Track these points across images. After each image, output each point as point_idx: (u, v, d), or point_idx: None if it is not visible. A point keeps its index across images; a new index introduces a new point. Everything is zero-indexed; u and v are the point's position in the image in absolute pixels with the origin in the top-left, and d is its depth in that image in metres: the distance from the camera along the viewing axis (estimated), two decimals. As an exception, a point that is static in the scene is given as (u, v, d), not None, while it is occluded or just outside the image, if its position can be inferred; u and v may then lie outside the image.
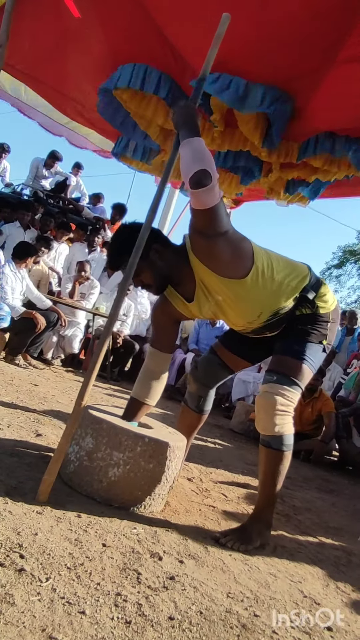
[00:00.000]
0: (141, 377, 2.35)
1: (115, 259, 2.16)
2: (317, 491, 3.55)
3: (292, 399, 2.09)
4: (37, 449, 2.40)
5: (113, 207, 8.14)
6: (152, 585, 1.47)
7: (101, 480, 1.98)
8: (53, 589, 1.30)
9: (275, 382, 2.09)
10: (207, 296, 2.16)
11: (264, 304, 2.14)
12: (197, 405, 2.55)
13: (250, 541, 2.00)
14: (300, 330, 2.19)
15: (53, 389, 4.20)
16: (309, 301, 2.19)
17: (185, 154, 1.89)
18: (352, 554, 2.33)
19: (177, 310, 2.27)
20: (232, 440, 4.69)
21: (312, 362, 2.15)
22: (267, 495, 2.11)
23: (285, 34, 2.50)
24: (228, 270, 2.04)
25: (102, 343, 1.94)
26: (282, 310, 2.16)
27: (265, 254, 2.16)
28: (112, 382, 5.77)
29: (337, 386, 6.33)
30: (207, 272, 2.05)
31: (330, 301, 2.25)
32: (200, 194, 1.82)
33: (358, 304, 24.60)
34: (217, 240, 1.96)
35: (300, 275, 2.20)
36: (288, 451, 2.08)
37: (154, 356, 2.35)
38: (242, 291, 2.08)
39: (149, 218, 2.04)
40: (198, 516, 2.22)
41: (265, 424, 2.08)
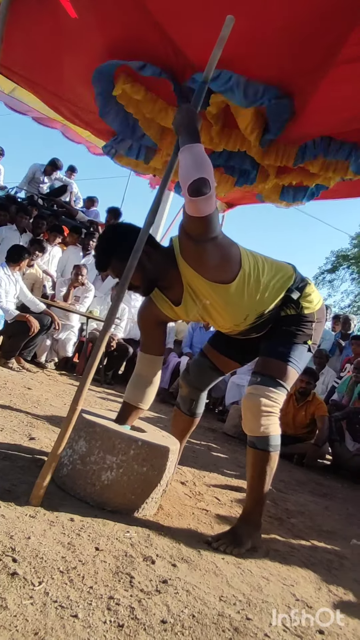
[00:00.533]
0: (133, 381, 2.36)
1: (101, 259, 2.14)
2: (310, 495, 3.55)
3: (277, 400, 2.11)
4: (30, 453, 2.40)
5: (108, 210, 8.15)
6: (144, 588, 1.47)
7: (94, 483, 1.98)
8: (46, 592, 1.30)
9: (259, 384, 2.11)
10: (195, 300, 2.17)
11: (250, 307, 2.15)
12: (189, 408, 2.56)
13: (242, 544, 2.01)
14: (284, 331, 2.21)
15: (46, 392, 4.19)
16: (294, 301, 2.21)
17: (185, 160, 1.89)
18: (344, 558, 2.34)
19: (162, 312, 2.27)
20: (225, 443, 4.69)
21: (296, 363, 2.17)
22: (254, 497, 2.12)
23: (286, 32, 2.51)
24: (216, 274, 2.04)
25: (98, 348, 1.95)
26: (267, 312, 2.19)
27: (252, 257, 2.17)
28: (106, 386, 5.77)
29: (331, 390, 6.35)
30: (195, 276, 2.06)
31: (315, 301, 2.27)
32: (198, 202, 1.82)
33: (351, 308, 24.70)
34: (207, 244, 1.96)
35: (285, 276, 2.22)
36: (274, 452, 2.09)
37: (145, 360, 2.36)
38: (229, 295, 2.09)
39: (148, 221, 2.04)
40: (191, 520, 2.22)
41: (251, 425, 2.09)
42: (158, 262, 2.10)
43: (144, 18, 2.76)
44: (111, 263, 2.08)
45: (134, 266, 1.97)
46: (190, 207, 1.86)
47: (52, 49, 3.43)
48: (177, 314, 2.26)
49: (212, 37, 2.15)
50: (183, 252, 2.05)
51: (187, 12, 2.62)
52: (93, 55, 3.25)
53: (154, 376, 2.37)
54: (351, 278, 25.60)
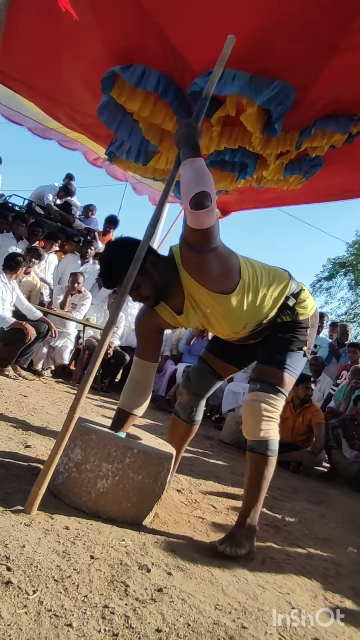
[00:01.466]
0: (127, 388, 2.37)
1: (111, 278, 2.13)
2: (307, 502, 3.55)
3: (276, 406, 2.16)
4: (26, 461, 2.39)
5: (105, 219, 8.18)
6: (139, 597, 1.46)
7: (90, 491, 1.98)
8: (40, 601, 1.29)
9: (259, 390, 2.16)
10: (196, 309, 2.20)
11: (249, 316, 2.18)
12: (189, 416, 2.57)
13: (242, 545, 2.04)
14: (280, 338, 2.25)
15: (43, 400, 4.18)
16: (289, 308, 2.25)
17: (187, 174, 1.92)
18: (340, 565, 2.33)
19: (163, 320, 2.29)
20: (222, 451, 4.69)
21: (293, 370, 2.22)
22: (251, 502, 2.14)
23: (287, 26, 2.52)
24: (217, 285, 2.07)
25: (97, 356, 1.95)
26: (266, 320, 2.23)
27: (250, 266, 2.20)
28: (103, 393, 5.76)
29: (327, 397, 6.35)
30: (196, 286, 2.08)
31: (309, 307, 2.32)
32: (200, 215, 1.85)
33: (348, 316, 24.76)
34: (208, 255, 1.99)
35: (282, 284, 2.26)
36: (273, 456, 2.12)
37: (140, 366, 2.38)
38: (229, 305, 2.11)
39: (149, 232, 2.06)
40: (187, 528, 2.22)
41: (251, 429, 2.14)
42: (162, 271, 2.12)
43: (144, 21, 2.78)
44: (121, 280, 2.05)
45: (134, 276, 1.98)
46: (192, 220, 1.89)
47: (52, 51, 3.44)
48: (178, 322, 2.29)
49: (211, 40, 2.17)
50: (184, 262, 2.08)
51: (186, 13, 2.63)
52: (93, 58, 3.26)
53: (148, 382, 2.39)
54: (348, 285, 25.70)
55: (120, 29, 2.97)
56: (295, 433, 5.10)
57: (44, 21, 3.13)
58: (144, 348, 2.39)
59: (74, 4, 2.91)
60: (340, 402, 5.95)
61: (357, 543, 2.77)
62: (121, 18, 2.87)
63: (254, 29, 2.56)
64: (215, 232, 1.95)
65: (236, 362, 2.55)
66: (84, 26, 3.03)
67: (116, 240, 2.29)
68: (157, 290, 2.15)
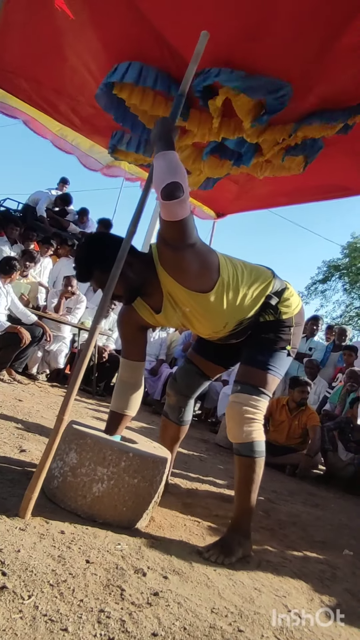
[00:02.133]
0: (118, 389, 2.37)
1: (82, 271, 2.12)
2: (303, 505, 3.55)
3: (259, 407, 2.14)
4: (21, 465, 2.38)
5: (98, 222, 8.17)
6: (135, 601, 1.46)
7: (85, 495, 1.97)
8: (35, 606, 1.28)
9: (240, 392, 2.15)
10: (175, 307, 2.18)
11: (230, 315, 2.17)
12: (177, 417, 2.58)
13: (233, 553, 2.01)
14: (263, 339, 2.24)
15: (37, 404, 4.17)
16: (272, 307, 2.23)
17: (159, 165, 1.92)
18: (336, 568, 2.33)
19: (142, 319, 2.28)
20: (217, 454, 4.68)
21: (276, 370, 2.20)
22: (243, 504, 2.12)
23: (283, 26, 2.53)
24: (195, 283, 2.05)
25: (84, 357, 1.94)
26: (246, 319, 2.21)
27: (231, 265, 2.18)
28: (98, 397, 5.75)
29: (323, 400, 6.36)
30: (174, 285, 2.07)
31: (293, 305, 2.29)
32: (171, 205, 1.84)
33: (343, 319, 24.83)
34: (185, 252, 1.97)
35: (264, 282, 2.23)
36: (259, 457, 2.11)
37: (127, 366, 2.37)
38: (208, 303, 2.10)
39: (130, 230, 2.05)
40: (183, 531, 2.21)
41: (235, 432, 2.13)
42: (139, 270, 2.10)
43: (139, 21, 2.79)
44: (93, 274, 2.07)
45: (117, 276, 1.98)
46: (164, 211, 1.88)
47: (52, 43, 3.44)
48: (157, 320, 2.27)
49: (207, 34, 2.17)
50: (162, 261, 2.06)
51: (180, 11, 2.64)
52: (93, 48, 3.27)
53: (138, 381, 2.38)
54: (343, 288, 25.78)
55: (116, 28, 2.98)
56: (291, 436, 5.10)
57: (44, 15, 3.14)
58: (128, 347, 2.38)
59: (70, 4, 2.92)
60: (335, 404, 5.95)
61: (353, 545, 2.76)
62: (116, 18, 2.88)
63: (247, 25, 2.57)
64: (190, 226, 1.93)
65: (222, 362, 2.56)
66: (81, 23, 3.04)
67: (91, 235, 2.28)
68: (131, 289, 2.14)
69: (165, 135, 2.04)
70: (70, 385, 1.93)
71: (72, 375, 1.96)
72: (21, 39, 3.50)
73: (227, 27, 2.40)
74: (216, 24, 2.47)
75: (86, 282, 2.18)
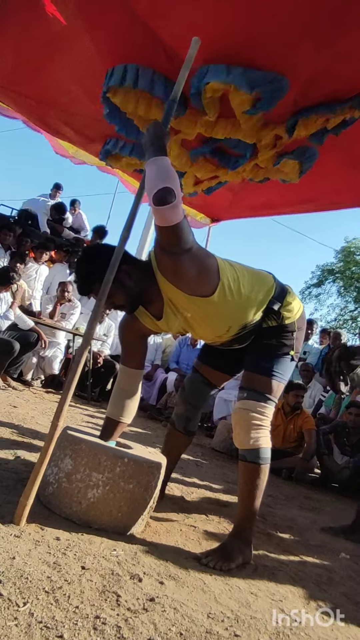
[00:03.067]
0: (114, 396, 2.37)
1: (83, 285, 2.13)
2: (299, 509, 3.55)
3: (265, 414, 2.14)
4: (16, 472, 2.37)
5: (93, 229, 8.17)
6: (131, 607, 1.45)
7: (80, 501, 1.96)
8: (30, 613, 1.28)
9: (247, 399, 2.14)
10: (176, 313, 2.17)
11: (232, 319, 2.17)
12: (184, 426, 2.58)
13: (232, 559, 2.00)
14: (266, 345, 2.23)
15: (32, 410, 4.16)
16: (275, 312, 2.22)
17: (151, 171, 1.92)
18: (333, 572, 2.33)
19: (144, 326, 2.28)
20: (213, 459, 4.68)
21: (281, 376, 2.20)
22: (246, 511, 2.12)
23: (276, 17, 2.51)
24: (195, 288, 2.05)
25: (78, 362, 1.94)
26: (250, 323, 2.20)
27: (231, 268, 2.18)
28: (93, 403, 5.74)
29: (318, 403, 6.37)
30: (175, 291, 2.07)
31: (295, 310, 2.28)
32: (163, 211, 1.84)
33: (337, 322, 24.91)
34: (182, 257, 1.96)
35: (266, 287, 2.23)
36: (265, 464, 2.11)
37: (125, 374, 2.37)
38: (210, 308, 2.10)
39: (123, 236, 2.05)
40: (179, 536, 2.21)
41: (241, 438, 2.12)
42: (138, 279, 2.11)
43: (134, 24, 2.78)
44: (94, 287, 2.07)
45: (111, 281, 1.98)
46: (157, 217, 1.89)
47: (41, 54, 3.42)
48: (159, 327, 2.27)
49: (202, 34, 2.17)
50: (160, 267, 2.06)
51: (174, 10, 2.63)
52: (85, 57, 3.26)
53: (135, 389, 2.37)
54: (337, 292, 25.88)
55: (112, 32, 2.97)
56: (287, 440, 5.10)
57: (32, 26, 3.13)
58: (128, 355, 2.38)
59: (62, 10, 2.91)
60: (330, 408, 5.97)
61: (349, 549, 2.76)
62: (111, 22, 2.87)
63: (243, 22, 2.55)
64: (185, 230, 1.93)
65: (228, 369, 2.55)
66: (74, 30, 3.03)
67: (85, 250, 2.28)
68: (132, 298, 2.14)
69: (157, 141, 2.05)
70: (65, 392, 1.92)
71: (66, 382, 1.95)
72: (10, 53, 3.48)
73: (223, 24, 2.37)
74: (212, 22, 2.45)
75: (88, 295, 2.16)
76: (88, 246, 2.38)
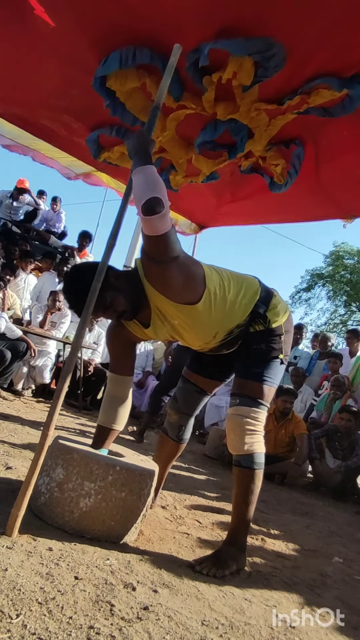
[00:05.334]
0: (105, 404, 2.37)
1: (76, 305, 2.09)
2: (292, 514, 3.55)
3: (259, 419, 2.15)
4: (7, 482, 2.36)
5: (79, 235, 8.18)
6: (125, 616, 1.45)
7: (72, 511, 1.96)
8: (24, 625, 1.27)
9: (239, 405, 2.15)
10: (163, 321, 2.18)
11: (219, 325, 2.17)
12: (177, 434, 2.58)
13: (226, 566, 2.00)
14: (255, 350, 2.23)
15: (24, 420, 4.14)
16: (261, 316, 2.23)
17: (138, 181, 1.93)
18: (326, 576, 2.33)
19: (132, 334, 2.28)
20: (205, 465, 4.67)
21: (272, 381, 2.21)
22: (240, 517, 2.12)
23: None
24: (182, 296, 2.05)
25: (66, 372, 1.94)
26: (237, 328, 2.21)
27: (217, 275, 2.18)
28: (84, 412, 5.71)
29: (309, 408, 6.39)
30: (161, 299, 2.07)
31: (281, 313, 2.29)
32: (152, 220, 1.85)
33: (327, 326, 25.03)
34: (170, 266, 1.96)
35: (251, 291, 2.24)
36: (259, 470, 2.11)
37: (115, 381, 2.37)
38: (196, 315, 2.11)
39: (110, 244, 2.06)
40: (172, 544, 2.20)
41: (235, 444, 2.13)
42: (127, 286, 2.11)
43: (127, 10, 2.75)
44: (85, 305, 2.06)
45: (97, 289, 1.97)
46: (145, 226, 1.89)
47: (29, 59, 3.41)
48: (147, 334, 2.28)
49: (198, 13, 2.15)
50: (147, 275, 2.07)
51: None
52: (75, 56, 3.24)
53: (126, 396, 2.37)
54: (327, 296, 26.03)
55: (103, 23, 2.94)
56: (278, 445, 5.11)
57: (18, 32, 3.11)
58: (117, 362, 2.38)
59: (50, 10, 2.89)
60: (322, 412, 5.99)
61: (342, 553, 2.77)
62: (103, 13, 2.85)
63: None
64: (173, 239, 1.94)
65: (218, 375, 2.54)
66: (63, 27, 3.01)
67: (71, 269, 2.28)
68: (132, 302, 2.13)
69: (142, 149, 2.06)
70: (54, 401, 1.92)
71: (55, 391, 1.95)
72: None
73: None
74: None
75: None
76: (75, 265, 2.37)
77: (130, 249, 7.38)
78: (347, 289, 25.21)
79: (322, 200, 4.12)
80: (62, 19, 2.93)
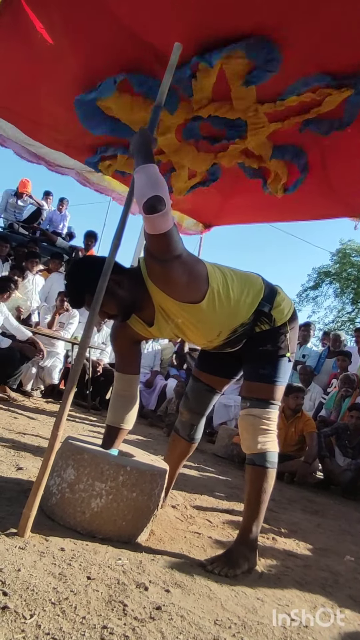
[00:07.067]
0: (113, 403, 2.38)
1: (75, 298, 2.14)
2: (302, 512, 3.54)
3: (271, 418, 2.17)
4: (18, 483, 2.37)
5: (85, 235, 8.19)
6: (138, 616, 1.45)
7: (84, 511, 1.96)
8: (37, 625, 1.28)
9: (251, 407, 2.17)
10: (167, 319, 2.18)
11: (222, 324, 2.17)
12: (189, 433, 2.58)
13: (237, 566, 2.00)
14: (262, 352, 2.24)
15: (33, 420, 4.15)
16: (266, 315, 2.22)
17: (140, 179, 1.93)
18: (338, 575, 2.33)
19: (136, 332, 2.29)
20: (215, 465, 4.67)
21: (281, 379, 2.22)
22: (252, 516, 2.12)
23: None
24: (185, 295, 2.05)
25: (75, 373, 1.95)
26: (241, 327, 2.20)
27: (220, 273, 2.18)
28: (93, 412, 5.73)
29: (318, 406, 6.37)
30: (165, 298, 2.07)
31: (286, 310, 2.28)
32: (154, 219, 1.85)
33: (335, 324, 24.95)
34: (172, 264, 1.97)
35: (255, 289, 2.23)
36: (272, 468, 2.12)
37: (122, 380, 2.38)
38: (200, 314, 2.10)
39: (114, 244, 2.06)
40: (183, 544, 2.20)
41: (249, 443, 2.14)
42: (129, 287, 2.11)
43: (119, 31, 2.76)
44: (85, 299, 2.08)
45: (104, 289, 1.98)
46: (147, 225, 1.90)
47: (28, 75, 3.44)
48: (151, 333, 2.28)
49: (188, 29, 2.15)
50: (150, 274, 2.07)
51: (162, 12, 2.61)
52: (70, 78, 3.27)
53: (133, 394, 2.38)
54: (334, 294, 25.95)
55: (96, 44, 2.96)
56: (288, 443, 5.09)
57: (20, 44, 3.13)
58: (123, 361, 2.39)
59: (49, 30, 2.92)
60: (331, 410, 5.97)
61: (354, 551, 2.76)
62: (96, 34, 2.87)
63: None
64: (175, 238, 1.94)
65: (227, 373, 2.54)
66: (59, 49, 3.04)
67: (78, 261, 2.29)
68: (124, 307, 2.14)
69: (144, 148, 2.06)
70: (63, 401, 1.93)
71: (64, 391, 1.96)
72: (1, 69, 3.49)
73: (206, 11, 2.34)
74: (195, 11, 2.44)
75: (81, 308, 2.17)
76: (76, 259, 2.38)
77: (136, 250, 7.36)
78: (354, 287, 25.14)
79: (331, 199, 4.12)
80: (58, 38, 2.95)
